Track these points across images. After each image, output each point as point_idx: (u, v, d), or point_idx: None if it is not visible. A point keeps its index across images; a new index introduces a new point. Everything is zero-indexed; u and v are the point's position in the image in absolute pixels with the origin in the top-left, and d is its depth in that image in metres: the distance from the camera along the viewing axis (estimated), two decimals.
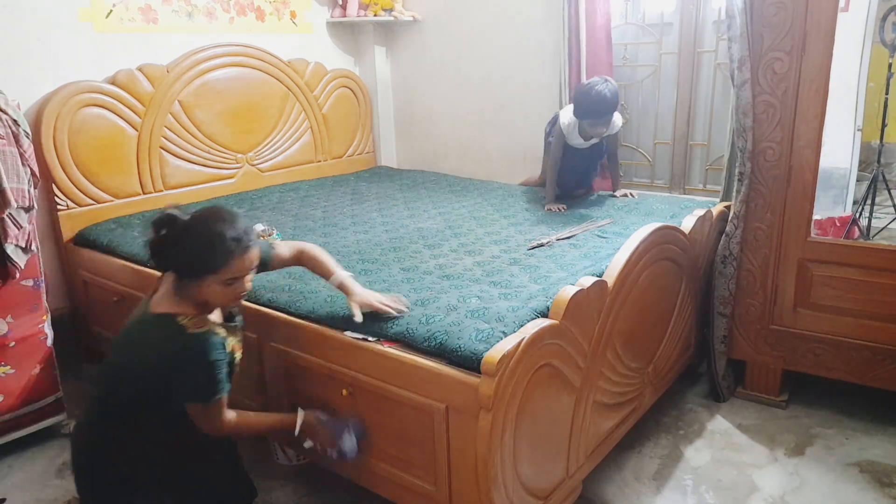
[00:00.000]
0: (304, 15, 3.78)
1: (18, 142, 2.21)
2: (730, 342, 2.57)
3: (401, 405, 1.70)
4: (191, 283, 1.54)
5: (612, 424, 2.06)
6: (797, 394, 2.60)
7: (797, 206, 2.33)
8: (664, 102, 3.41)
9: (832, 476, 2.14)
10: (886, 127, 3.38)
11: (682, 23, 3.25)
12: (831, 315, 2.36)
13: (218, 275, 1.52)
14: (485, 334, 1.62)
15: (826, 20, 2.14)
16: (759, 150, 2.34)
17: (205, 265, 1.52)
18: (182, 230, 1.52)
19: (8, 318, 2.31)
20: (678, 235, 2.27)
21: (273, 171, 3.63)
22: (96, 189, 2.91)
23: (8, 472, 2.31)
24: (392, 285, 2.02)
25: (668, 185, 3.49)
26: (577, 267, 2.10)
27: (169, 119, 3.13)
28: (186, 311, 1.54)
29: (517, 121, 3.72)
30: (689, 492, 2.09)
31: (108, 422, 1.57)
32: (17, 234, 2.22)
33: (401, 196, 3.33)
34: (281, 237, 2.56)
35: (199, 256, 1.52)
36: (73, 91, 2.78)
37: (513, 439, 1.57)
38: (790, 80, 2.23)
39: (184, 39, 3.20)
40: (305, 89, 3.73)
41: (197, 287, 1.54)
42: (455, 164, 4.07)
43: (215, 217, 1.54)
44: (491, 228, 2.65)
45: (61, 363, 2.51)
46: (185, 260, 1.53)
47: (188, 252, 1.52)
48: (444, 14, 3.88)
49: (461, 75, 3.90)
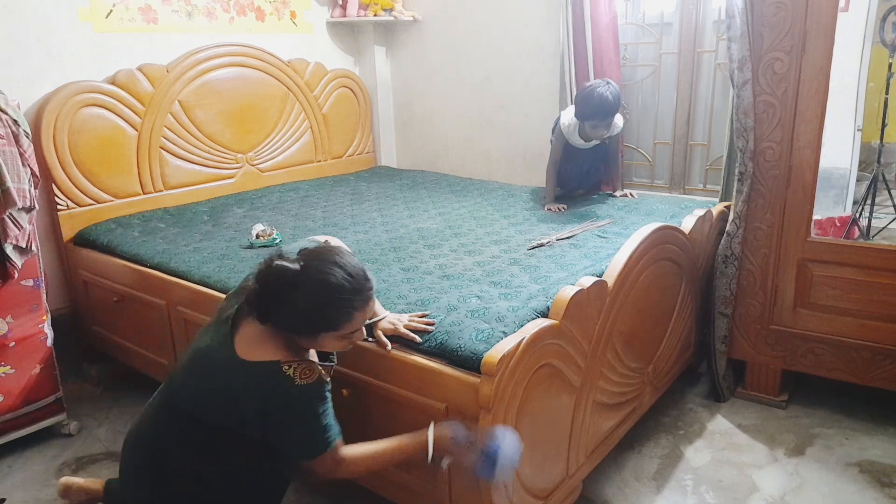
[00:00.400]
0: (304, 15, 3.78)
1: (18, 142, 2.21)
2: (730, 342, 2.57)
3: (401, 405, 1.70)
4: (302, 338, 1.44)
5: (612, 424, 2.06)
6: (797, 394, 2.60)
7: (797, 206, 2.33)
8: (664, 102, 3.40)
9: (832, 476, 2.14)
10: (886, 127, 3.37)
11: (682, 23, 3.25)
12: (831, 315, 2.36)
13: (338, 331, 1.43)
14: (485, 334, 1.62)
15: (826, 20, 2.14)
16: (760, 150, 2.34)
17: (325, 324, 1.42)
18: (294, 286, 1.38)
19: (8, 318, 2.31)
20: (678, 235, 2.27)
21: (273, 171, 3.63)
22: (96, 189, 2.91)
23: (8, 472, 2.31)
24: (392, 285, 2.02)
25: (668, 185, 3.49)
26: (577, 267, 2.10)
27: (169, 119, 3.13)
28: (289, 357, 1.43)
29: (517, 121, 3.72)
30: (689, 492, 2.09)
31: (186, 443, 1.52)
32: (18, 235, 2.22)
33: (401, 196, 3.33)
34: (281, 237, 2.56)
35: (317, 316, 1.40)
36: (73, 91, 2.78)
37: None
38: (790, 80, 2.23)
39: (184, 39, 3.20)
40: (305, 89, 3.73)
41: (310, 342, 1.45)
42: (455, 164, 4.07)
43: (331, 266, 1.40)
44: (491, 228, 2.65)
45: (61, 363, 2.51)
46: (299, 320, 1.41)
47: (304, 312, 1.39)
48: (444, 14, 3.88)
49: (461, 75, 3.90)
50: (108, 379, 2.90)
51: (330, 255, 1.44)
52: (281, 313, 1.41)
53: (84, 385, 2.89)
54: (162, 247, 2.54)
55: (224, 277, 2.19)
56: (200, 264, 2.33)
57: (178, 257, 2.41)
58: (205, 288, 2.20)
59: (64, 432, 2.50)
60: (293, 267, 1.40)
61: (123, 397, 2.77)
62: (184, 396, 1.53)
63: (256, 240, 2.51)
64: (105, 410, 2.69)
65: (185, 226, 2.84)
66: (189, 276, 2.28)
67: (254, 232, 2.55)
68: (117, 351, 2.77)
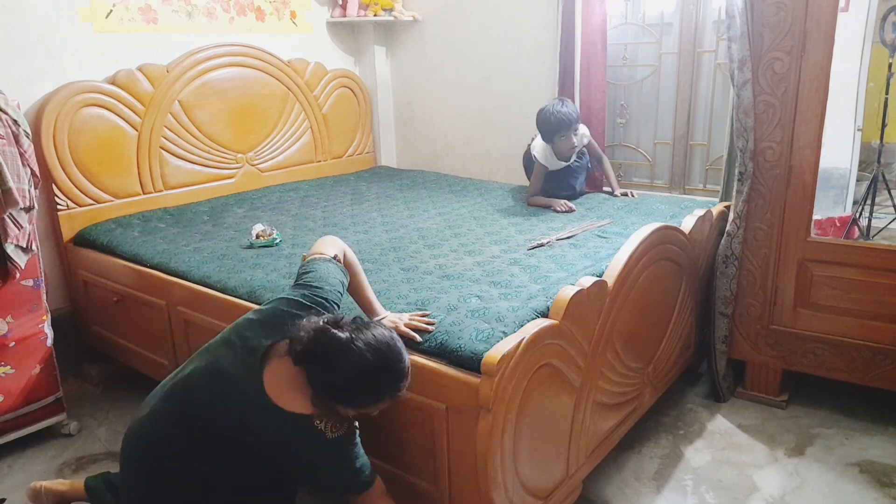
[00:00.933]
0: (304, 15, 3.78)
1: (18, 142, 2.21)
2: (730, 342, 2.57)
3: (401, 405, 1.70)
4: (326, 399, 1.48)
5: (612, 424, 2.06)
6: (797, 394, 2.60)
7: (797, 206, 2.33)
8: (664, 102, 3.40)
9: (832, 476, 2.14)
10: (886, 127, 3.37)
11: (682, 23, 3.25)
12: (831, 315, 2.36)
13: (355, 409, 1.49)
14: (485, 334, 1.62)
15: (826, 20, 2.14)
16: (760, 150, 2.34)
17: (351, 402, 1.47)
18: (336, 358, 1.43)
19: (8, 318, 2.31)
20: (678, 235, 2.27)
21: (273, 171, 3.63)
22: (96, 189, 2.91)
23: (8, 472, 2.31)
24: (392, 285, 2.02)
25: (668, 185, 3.49)
26: (578, 267, 2.10)
27: (169, 119, 3.13)
28: (320, 414, 1.47)
29: (517, 121, 3.72)
30: (689, 492, 2.09)
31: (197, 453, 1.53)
32: (18, 235, 2.22)
33: (401, 196, 3.33)
34: (281, 237, 2.56)
35: (348, 392, 1.46)
36: (73, 91, 2.78)
37: (513, 439, 1.57)
38: (790, 80, 2.23)
39: (184, 39, 3.20)
40: (305, 89, 3.73)
41: (333, 405, 1.48)
42: (455, 164, 4.07)
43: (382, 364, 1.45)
44: (491, 228, 2.65)
45: (61, 363, 2.51)
46: (332, 386, 1.45)
47: (339, 383, 1.45)
48: (444, 14, 3.88)
49: (461, 75, 3.90)
50: (108, 379, 2.90)
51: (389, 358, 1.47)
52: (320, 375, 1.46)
53: (84, 385, 2.89)
54: (162, 247, 2.54)
55: (224, 277, 2.19)
56: (200, 264, 2.33)
57: (178, 257, 2.41)
58: (205, 288, 2.19)
59: (64, 432, 2.50)
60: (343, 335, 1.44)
61: (123, 397, 2.77)
62: (203, 416, 1.53)
63: (256, 240, 2.51)
64: (105, 410, 2.69)
65: (185, 226, 2.84)
66: (189, 276, 2.28)
67: (254, 232, 2.55)
68: (117, 351, 2.77)
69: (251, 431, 1.49)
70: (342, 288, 1.72)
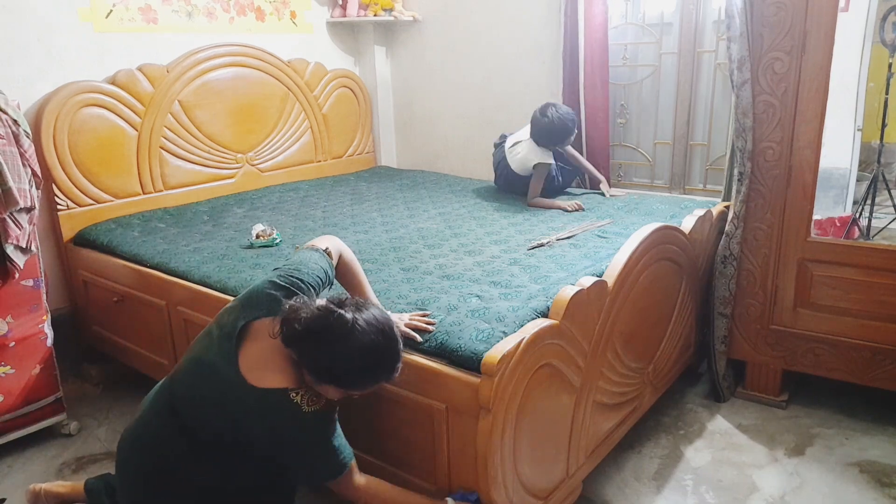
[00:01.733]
0: (304, 15, 3.78)
1: (19, 142, 2.21)
2: (730, 342, 2.57)
3: (401, 405, 1.70)
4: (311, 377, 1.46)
5: (612, 424, 2.06)
6: (797, 394, 2.60)
7: (797, 206, 2.33)
8: (664, 102, 3.40)
9: (832, 476, 2.14)
10: (886, 127, 3.37)
11: (682, 23, 3.25)
12: (831, 315, 2.36)
13: (346, 390, 1.48)
14: (485, 334, 1.62)
15: (826, 20, 2.14)
16: (759, 150, 2.34)
17: (342, 382, 1.46)
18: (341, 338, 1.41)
19: (8, 318, 2.31)
20: (678, 235, 2.27)
21: (273, 171, 3.63)
22: (96, 189, 2.91)
23: (8, 472, 2.31)
24: (392, 285, 2.02)
25: (668, 185, 3.49)
26: (578, 267, 2.10)
27: (169, 119, 3.13)
28: (294, 382, 1.46)
29: (517, 121, 3.70)
30: (689, 492, 2.09)
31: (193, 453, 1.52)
32: (18, 235, 2.22)
33: (401, 196, 3.33)
34: (281, 237, 2.56)
35: (340, 371, 1.44)
36: (73, 91, 2.78)
37: (513, 439, 1.57)
38: (790, 80, 2.23)
39: (184, 39, 3.20)
40: (305, 89, 3.73)
41: (317, 384, 1.46)
42: (455, 164, 4.07)
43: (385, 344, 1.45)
44: (491, 228, 2.65)
45: (61, 363, 2.51)
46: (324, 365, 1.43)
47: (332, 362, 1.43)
48: (444, 14, 3.88)
49: (461, 75, 3.90)
50: (108, 379, 2.90)
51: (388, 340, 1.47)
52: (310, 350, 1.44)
53: (84, 385, 2.89)
54: (162, 247, 2.54)
55: (224, 277, 2.19)
56: (200, 264, 2.33)
57: (178, 257, 2.41)
58: (205, 288, 2.19)
59: (64, 432, 2.50)
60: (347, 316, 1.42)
61: (123, 397, 2.77)
62: (189, 411, 1.53)
63: (256, 240, 2.51)
64: (105, 410, 2.69)
65: (185, 226, 2.84)
66: (189, 276, 2.28)
67: (254, 232, 2.55)
68: (117, 351, 2.77)
69: (232, 417, 1.47)
70: (324, 275, 1.70)
